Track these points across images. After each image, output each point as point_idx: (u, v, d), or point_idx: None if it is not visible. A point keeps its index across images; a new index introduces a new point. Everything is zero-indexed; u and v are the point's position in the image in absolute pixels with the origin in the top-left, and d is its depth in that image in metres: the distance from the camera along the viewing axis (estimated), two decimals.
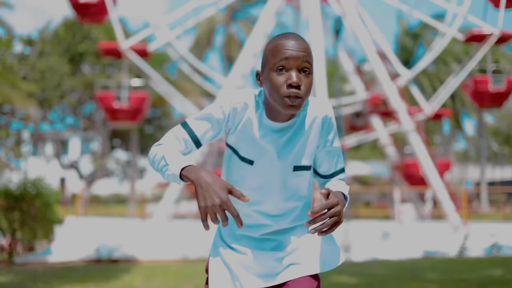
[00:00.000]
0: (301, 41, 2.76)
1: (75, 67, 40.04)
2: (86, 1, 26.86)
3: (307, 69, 2.74)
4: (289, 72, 2.71)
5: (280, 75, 2.72)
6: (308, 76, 2.74)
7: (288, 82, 2.70)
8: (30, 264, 18.55)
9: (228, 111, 2.87)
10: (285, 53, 2.71)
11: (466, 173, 67.76)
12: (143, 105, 28.05)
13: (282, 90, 2.71)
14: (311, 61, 2.76)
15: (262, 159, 2.94)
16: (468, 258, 15.53)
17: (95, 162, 41.86)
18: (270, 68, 2.75)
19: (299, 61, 2.71)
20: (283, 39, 2.76)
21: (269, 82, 2.75)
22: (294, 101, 2.71)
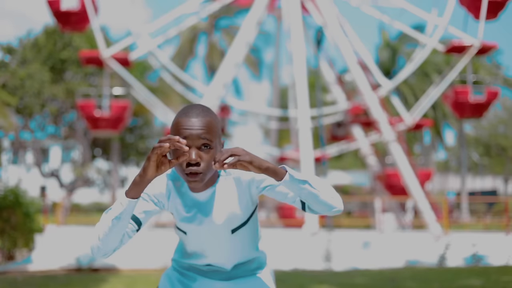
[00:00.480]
0: (201, 117, 2.86)
1: (57, 75, 39.90)
2: (68, 9, 26.78)
3: (207, 145, 2.85)
4: (189, 151, 2.81)
5: (181, 153, 2.80)
6: (209, 151, 2.86)
7: (186, 161, 2.82)
8: (10, 272, 18.45)
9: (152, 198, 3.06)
10: (183, 133, 2.82)
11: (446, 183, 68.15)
12: (125, 114, 27.96)
13: (183, 168, 2.85)
14: (212, 136, 2.87)
15: (193, 229, 3.13)
16: (449, 268, 15.63)
17: (75, 171, 41.71)
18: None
19: (197, 140, 2.82)
20: (182, 117, 2.87)
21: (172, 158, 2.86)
22: (195, 177, 2.86)
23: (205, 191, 3.06)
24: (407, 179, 27.36)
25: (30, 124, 41.42)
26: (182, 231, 3.20)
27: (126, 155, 44.74)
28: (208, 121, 2.87)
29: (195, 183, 2.88)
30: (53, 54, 39.59)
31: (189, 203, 3.10)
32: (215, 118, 2.94)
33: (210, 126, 2.87)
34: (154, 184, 3.06)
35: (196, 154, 2.82)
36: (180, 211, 3.11)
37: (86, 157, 40.87)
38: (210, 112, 2.94)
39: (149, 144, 46.05)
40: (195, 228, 3.13)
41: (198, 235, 3.17)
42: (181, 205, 3.11)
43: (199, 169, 2.84)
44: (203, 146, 2.85)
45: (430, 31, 30.19)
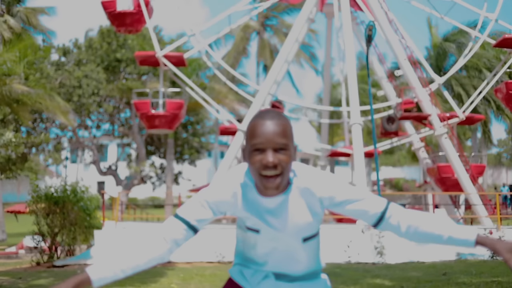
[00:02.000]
0: (276, 120, 2.85)
1: (111, 75, 40.52)
2: (123, 10, 27.24)
3: (284, 147, 2.83)
4: (265, 153, 2.81)
5: (257, 155, 2.83)
6: (286, 153, 2.84)
7: (263, 162, 2.81)
8: (70, 266, 18.89)
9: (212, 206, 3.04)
10: (260, 137, 2.81)
11: (499, 177, 67.34)
12: (180, 112, 28.30)
13: (259, 170, 2.84)
14: (287, 139, 2.85)
15: (266, 231, 3.08)
16: (502, 261, 15.63)
17: (131, 168, 42.28)
18: (249, 149, 2.86)
19: (273, 143, 2.80)
20: (258, 120, 2.86)
21: (249, 162, 2.88)
22: (272, 181, 2.85)
23: (276, 197, 2.98)
24: (458, 173, 27.28)
25: (87, 122, 42.12)
26: (254, 230, 3.12)
27: (180, 151, 45.17)
28: (284, 124, 2.86)
29: (272, 187, 2.86)
30: (108, 55, 40.21)
31: (259, 209, 3.04)
32: (289, 123, 2.92)
33: (286, 129, 2.85)
34: (219, 191, 3.02)
35: (272, 156, 2.80)
36: (249, 217, 3.07)
37: (141, 154, 41.38)
38: (284, 116, 2.92)
39: (203, 141, 46.45)
40: (268, 230, 3.07)
41: (270, 238, 3.11)
42: (250, 211, 3.05)
43: (277, 170, 2.82)
44: (280, 149, 2.82)
45: (480, 25, 30.02)
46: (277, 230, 3.05)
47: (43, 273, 15.68)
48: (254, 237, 3.15)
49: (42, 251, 20.90)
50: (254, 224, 3.08)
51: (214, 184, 3.09)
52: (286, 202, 3.01)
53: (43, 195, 21.02)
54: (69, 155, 50.08)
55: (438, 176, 29.33)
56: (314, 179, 3.02)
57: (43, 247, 21.15)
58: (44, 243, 21.23)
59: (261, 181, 2.86)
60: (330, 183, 3.02)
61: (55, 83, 36.87)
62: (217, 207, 3.03)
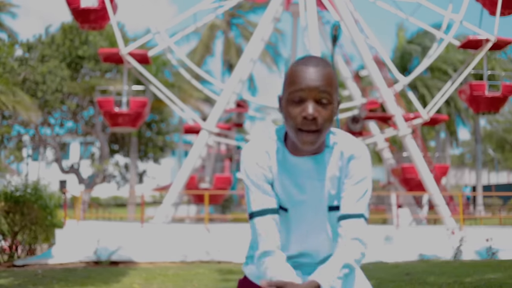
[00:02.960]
0: (321, 67, 2.58)
1: (74, 72, 40.13)
2: (87, 7, 26.98)
3: (326, 99, 2.56)
4: (305, 104, 2.55)
5: (296, 106, 2.56)
6: (327, 107, 2.57)
7: (302, 115, 2.54)
8: (30, 266, 18.66)
9: (262, 170, 2.76)
10: (301, 84, 2.54)
11: (462, 177, 68.05)
12: (143, 110, 28.15)
13: (296, 123, 2.56)
14: (332, 90, 2.57)
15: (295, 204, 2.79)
16: (464, 262, 15.68)
17: (94, 166, 41.91)
18: (287, 97, 2.60)
19: (315, 92, 2.53)
20: (301, 66, 2.58)
21: (285, 113, 2.62)
22: (309, 136, 2.56)
23: (310, 157, 2.73)
24: (422, 174, 27.43)
25: (50, 120, 41.66)
26: (283, 209, 2.81)
27: (144, 150, 44.91)
28: (328, 73, 2.58)
29: (309, 143, 2.57)
30: (70, 51, 39.81)
31: (290, 171, 2.76)
32: (334, 72, 2.64)
33: (330, 79, 2.58)
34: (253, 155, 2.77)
35: (313, 108, 2.53)
36: (282, 180, 2.77)
37: (105, 152, 41.05)
38: (329, 64, 2.63)
39: (167, 139, 46.21)
40: (298, 201, 2.78)
41: (300, 212, 2.80)
42: (282, 174, 2.76)
43: (317, 126, 2.55)
44: (321, 101, 2.55)
45: (445, 26, 30.21)
46: (308, 195, 2.75)
47: (3, 272, 15.42)
48: (282, 216, 2.82)
49: (2, 250, 20.62)
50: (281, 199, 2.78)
51: (245, 152, 2.81)
52: (321, 163, 2.74)
53: (2, 193, 20.72)
54: (30, 153, 49.45)
55: (402, 177, 29.47)
56: (350, 144, 2.75)
57: (3, 247, 20.86)
58: (4, 242, 20.94)
59: (297, 135, 2.58)
60: (363, 159, 2.75)
61: (19, 78, 36.41)
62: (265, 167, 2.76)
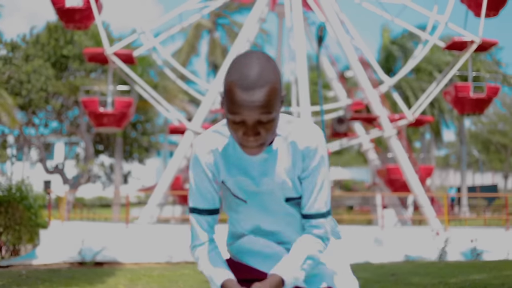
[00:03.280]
0: (260, 86, 2.43)
1: (59, 72, 39.97)
2: (72, 7, 26.85)
3: (267, 117, 2.46)
4: (245, 125, 2.48)
5: (236, 125, 2.50)
6: (271, 122, 2.49)
7: (244, 136, 2.51)
8: (14, 266, 18.56)
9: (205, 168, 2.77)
10: (238, 107, 2.44)
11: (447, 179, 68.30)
12: (128, 110, 28.04)
13: (239, 138, 2.53)
14: (273, 106, 2.46)
15: (252, 195, 2.81)
16: (449, 262, 15.74)
17: (79, 167, 41.76)
18: (227, 111, 2.51)
19: (255, 116, 2.44)
20: (237, 85, 2.45)
21: (227, 122, 2.55)
22: (253, 150, 2.55)
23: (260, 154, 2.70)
24: (407, 174, 27.48)
25: (34, 120, 41.50)
26: (242, 200, 2.82)
27: (129, 150, 44.77)
28: (270, 88, 2.44)
29: (253, 154, 2.57)
30: (55, 51, 39.64)
31: (242, 165, 2.75)
32: (276, 79, 2.50)
33: (272, 95, 2.45)
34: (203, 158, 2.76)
35: (254, 131, 2.48)
36: (234, 175, 2.76)
37: (89, 152, 40.92)
38: (270, 72, 2.48)
39: (152, 140, 46.11)
40: (254, 192, 2.79)
41: (256, 202, 2.81)
42: (233, 169, 2.76)
43: (259, 140, 2.51)
44: (262, 119, 2.45)
45: (430, 28, 30.27)
46: (262, 187, 2.76)
47: None
48: (241, 208, 2.87)
49: None
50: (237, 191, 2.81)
51: (193, 148, 2.80)
52: (272, 155, 2.73)
53: None
54: (15, 153, 49.27)
55: (387, 178, 29.52)
56: (301, 131, 2.72)
57: None
58: None
59: (240, 146, 2.58)
60: (320, 148, 2.73)
61: (3, 77, 36.27)
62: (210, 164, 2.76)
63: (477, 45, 27.46)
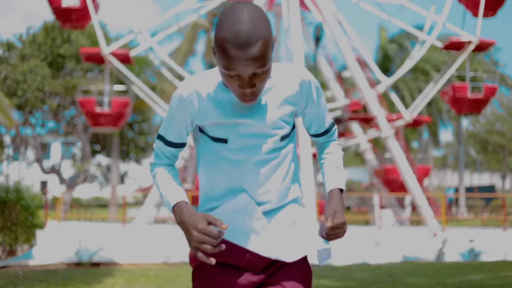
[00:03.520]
0: (254, 38, 2.38)
1: (56, 71, 39.89)
2: (68, 6, 26.80)
3: (262, 69, 2.44)
4: (241, 80, 2.47)
5: (231, 79, 2.48)
6: (265, 73, 2.47)
7: (240, 90, 2.50)
8: (11, 267, 18.51)
9: (186, 107, 2.69)
10: (233, 62, 2.41)
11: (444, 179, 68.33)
12: (125, 110, 28.00)
13: (235, 90, 2.52)
14: (267, 57, 2.44)
15: (234, 136, 2.70)
16: (447, 263, 15.71)
17: (76, 167, 41.71)
18: (221, 66, 2.47)
19: (250, 69, 2.42)
20: (230, 39, 2.39)
21: (222, 76, 2.53)
22: (249, 99, 2.54)
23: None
24: (405, 175, 27.44)
25: (31, 120, 41.43)
26: (222, 140, 2.72)
27: (125, 150, 44.75)
28: (263, 43, 2.41)
29: (249, 103, 2.56)
30: (52, 50, 39.57)
31: (232, 107, 2.68)
32: (268, 31, 2.46)
33: (265, 49, 2.42)
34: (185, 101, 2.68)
35: (250, 85, 2.47)
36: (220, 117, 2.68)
37: (86, 153, 40.87)
38: (262, 26, 2.43)
39: (149, 140, 46.05)
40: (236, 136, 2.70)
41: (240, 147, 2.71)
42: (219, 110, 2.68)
43: (256, 91, 2.50)
44: (257, 71, 2.43)
45: (428, 28, 30.23)
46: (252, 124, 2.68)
47: None
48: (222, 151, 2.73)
49: None
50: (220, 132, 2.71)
51: (178, 89, 2.74)
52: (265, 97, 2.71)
53: None
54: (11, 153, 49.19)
55: (385, 178, 29.49)
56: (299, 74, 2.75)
57: None
58: None
59: (237, 96, 2.56)
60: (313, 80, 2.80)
61: None
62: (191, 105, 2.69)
63: (474, 45, 27.42)
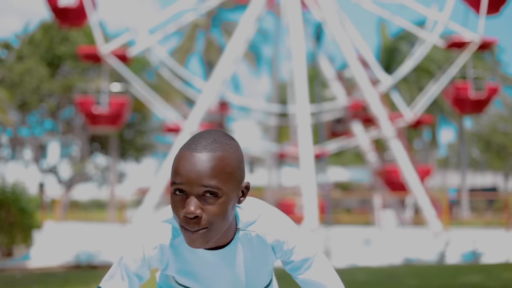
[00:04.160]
0: (207, 152, 2.10)
1: (54, 71, 39.78)
2: (66, 5, 26.68)
3: (212, 194, 2.09)
4: (186, 199, 2.10)
5: (177, 200, 2.12)
6: (215, 201, 2.10)
7: (183, 213, 2.10)
8: (8, 269, 18.39)
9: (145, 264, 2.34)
10: (179, 174, 2.09)
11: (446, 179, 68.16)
12: (123, 110, 27.88)
13: (179, 221, 2.15)
14: (220, 180, 2.09)
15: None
16: (448, 265, 15.56)
17: (74, 167, 41.60)
18: (170, 188, 2.15)
19: (196, 186, 2.07)
20: (184, 150, 2.13)
21: (171, 205, 2.18)
22: (195, 235, 2.12)
23: (219, 250, 2.33)
24: (407, 175, 27.25)
25: (28, 120, 41.31)
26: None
27: (124, 150, 44.63)
28: (219, 157, 2.11)
29: (196, 242, 2.13)
30: (50, 50, 39.45)
31: (197, 263, 2.37)
32: (231, 153, 2.16)
33: (220, 166, 2.10)
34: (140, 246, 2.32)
35: (195, 205, 2.07)
36: (184, 275, 2.41)
37: (84, 152, 40.79)
38: (225, 144, 2.16)
39: (147, 139, 45.93)
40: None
41: None
42: (186, 268, 2.38)
43: (201, 224, 2.09)
44: (208, 194, 2.09)
45: (430, 26, 30.04)
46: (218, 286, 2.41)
47: None
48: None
49: None
50: (188, 283, 2.45)
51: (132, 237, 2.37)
52: (231, 254, 2.36)
53: None
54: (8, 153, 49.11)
55: (386, 178, 29.33)
56: (267, 224, 2.36)
57: None
58: None
59: (183, 234, 2.15)
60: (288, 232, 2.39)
61: None
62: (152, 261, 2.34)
63: (477, 45, 27.23)
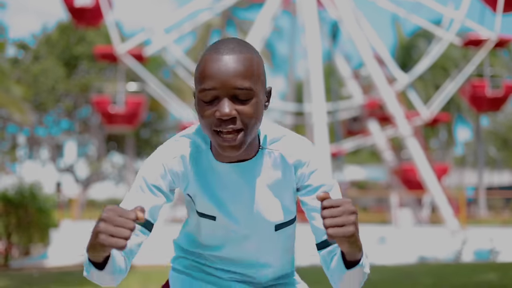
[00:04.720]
0: (237, 54, 2.00)
1: (70, 70, 39.95)
2: (82, 5, 26.79)
3: (246, 95, 1.99)
4: (219, 103, 1.99)
5: (208, 106, 2.01)
6: (249, 102, 2.00)
7: (216, 115, 1.98)
8: (26, 268, 18.44)
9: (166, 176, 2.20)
10: (211, 80, 1.98)
11: (463, 178, 67.84)
12: (140, 110, 27.95)
13: (211, 126, 2.02)
14: (253, 81, 2.01)
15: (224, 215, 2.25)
16: (465, 263, 15.46)
17: (91, 166, 41.77)
18: (197, 96, 2.05)
19: (230, 88, 1.96)
20: (211, 55, 2.01)
21: (197, 114, 2.07)
22: (230, 139, 2.00)
23: (236, 164, 2.18)
24: (423, 174, 27.17)
25: (45, 120, 41.50)
26: (209, 216, 2.28)
27: (140, 149, 44.77)
28: (249, 58, 2.02)
29: (231, 148, 2.01)
30: (66, 50, 39.62)
31: (216, 180, 2.22)
32: (257, 57, 2.07)
33: (251, 66, 2.01)
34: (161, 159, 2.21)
35: (230, 107, 1.97)
36: (203, 193, 2.23)
37: (101, 152, 40.95)
38: (250, 47, 2.07)
39: (163, 138, 46.02)
40: (227, 213, 2.25)
41: (230, 223, 2.27)
42: (205, 185, 2.22)
43: (236, 126, 1.99)
44: (241, 96, 1.99)
45: (446, 24, 29.90)
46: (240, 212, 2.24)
47: None
48: (210, 224, 2.30)
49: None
50: (207, 208, 2.25)
51: (154, 153, 2.27)
52: (253, 171, 2.20)
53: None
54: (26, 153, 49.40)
55: (403, 177, 29.24)
56: (291, 144, 2.23)
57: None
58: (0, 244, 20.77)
59: (214, 139, 2.03)
60: (311, 154, 2.22)
61: (13, 77, 36.30)
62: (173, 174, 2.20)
63: (493, 42, 27.09)
